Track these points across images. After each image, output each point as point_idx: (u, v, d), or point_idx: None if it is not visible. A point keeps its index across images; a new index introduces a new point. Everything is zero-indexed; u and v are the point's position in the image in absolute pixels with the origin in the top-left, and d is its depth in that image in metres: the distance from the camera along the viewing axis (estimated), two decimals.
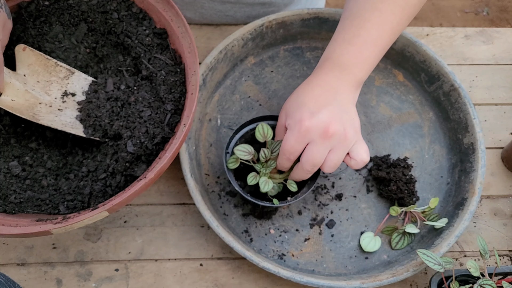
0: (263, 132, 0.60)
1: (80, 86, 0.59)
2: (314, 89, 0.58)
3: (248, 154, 0.59)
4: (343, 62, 0.58)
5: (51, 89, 0.57)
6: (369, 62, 0.59)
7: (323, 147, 0.55)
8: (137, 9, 0.62)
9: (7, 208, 0.52)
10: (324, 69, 0.59)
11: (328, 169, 0.57)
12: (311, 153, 0.55)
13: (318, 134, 0.54)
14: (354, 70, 0.59)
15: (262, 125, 0.59)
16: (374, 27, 0.58)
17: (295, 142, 0.55)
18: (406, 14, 0.60)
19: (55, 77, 0.58)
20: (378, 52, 0.60)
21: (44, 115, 0.56)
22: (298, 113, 0.56)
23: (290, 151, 0.56)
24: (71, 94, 0.58)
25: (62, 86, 0.58)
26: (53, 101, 0.57)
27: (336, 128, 0.54)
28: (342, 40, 0.59)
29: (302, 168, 0.57)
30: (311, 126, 0.54)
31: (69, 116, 0.57)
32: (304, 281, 0.57)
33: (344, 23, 0.60)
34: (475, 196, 0.62)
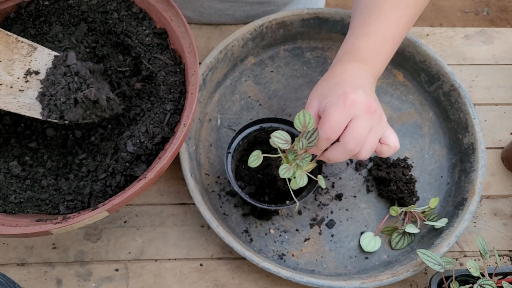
0: (303, 120, 0.53)
1: (44, 62, 0.55)
2: (344, 73, 0.56)
3: (286, 143, 0.53)
4: (363, 56, 0.58)
5: (14, 68, 0.53)
6: (387, 56, 0.60)
7: (367, 123, 0.52)
8: (137, 9, 0.62)
9: (7, 208, 0.52)
10: (344, 62, 0.58)
11: (366, 152, 0.53)
12: (357, 129, 0.51)
13: (363, 108, 0.52)
14: (374, 64, 0.58)
15: (303, 112, 0.53)
16: (391, 21, 0.58)
17: (340, 116, 0.51)
18: (418, 8, 0.61)
19: (17, 54, 0.53)
20: (395, 46, 0.60)
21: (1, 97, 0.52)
22: (338, 89, 0.53)
23: (334, 128, 0.52)
24: (34, 73, 0.54)
25: (26, 64, 0.54)
26: (15, 82, 0.53)
27: (376, 106, 0.53)
28: (361, 35, 0.59)
29: (344, 147, 0.52)
30: (356, 99, 0.51)
31: (30, 96, 0.53)
32: (304, 281, 0.57)
33: (360, 18, 0.60)
34: (475, 196, 0.62)
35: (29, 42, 0.55)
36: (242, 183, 0.64)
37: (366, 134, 0.52)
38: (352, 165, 0.69)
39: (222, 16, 0.80)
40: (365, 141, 0.53)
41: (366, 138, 0.53)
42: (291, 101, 0.73)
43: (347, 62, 0.58)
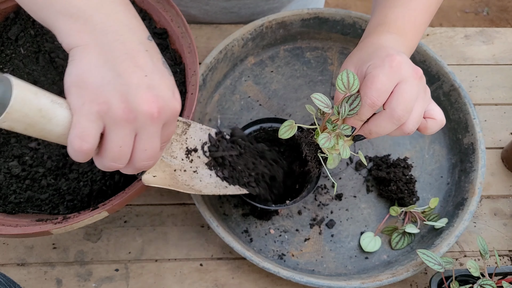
0: (347, 81, 0.46)
1: (198, 138, 0.52)
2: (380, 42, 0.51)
3: (327, 107, 0.47)
4: (399, 27, 0.53)
5: (174, 150, 0.50)
6: (421, 29, 0.55)
7: (415, 89, 0.47)
8: (137, 9, 0.62)
9: (7, 208, 0.52)
10: (378, 34, 0.53)
11: (413, 124, 0.47)
12: (405, 93, 0.46)
13: (410, 72, 0.46)
14: (409, 36, 0.54)
15: (347, 72, 0.46)
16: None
17: (387, 78, 0.45)
18: None
19: (174, 135, 0.50)
20: (428, 19, 0.56)
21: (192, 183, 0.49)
22: (381, 51, 0.48)
23: (380, 92, 0.45)
24: (193, 150, 0.52)
25: (182, 144, 0.51)
26: (183, 164, 0.50)
27: (422, 73, 0.48)
28: (393, 5, 0.55)
29: (392, 115, 0.46)
30: (402, 60, 0.46)
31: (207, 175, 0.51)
32: (304, 281, 0.57)
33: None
34: (475, 196, 0.62)
35: (183, 119, 0.52)
36: None
37: (414, 101, 0.47)
38: (352, 165, 0.69)
39: (227, 14, 0.80)
40: (412, 110, 0.47)
41: (414, 106, 0.47)
42: (291, 101, 0.73)
43: (381, 33, 0.53)
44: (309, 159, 0.54)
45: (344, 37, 0.76)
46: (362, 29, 0.73)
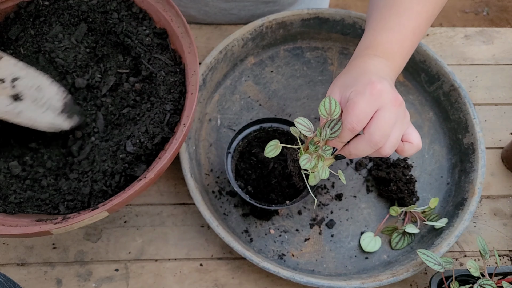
0: (329, 107, 0.49)
1: (9, 72, 0.56)
2: (366, 66, 0.54)
3: (309, 131, 0.50)
4: (386, 50, 0.55)
5: None
6: (408, 52, 0.57)
7: (393, 115, 0.49)
8: (137, 9, 0.62)
9: (7, 208, 0.52)
10: (365, 57, 0.55)
11: (389, 147, 0.50)
12: (383, 120, 0.48)
13: (389, 99, 0.49)
14: (395, 59, 0.56)
15: (329, 99, 0.49)
16: (414, 15, 0.56)
17: (367, 105, 0.48)
18: (439, 3, 0.59)
19: None
20: (416, 41, 0.58)
21: None
22: (364, 78, 0.50)
23: (359, 118, 0.48)
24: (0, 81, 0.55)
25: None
26: None
27: (402, 100, 0.50)
28: (382, 28, 0.57)
29: (369, 139, 0.49)
30: (383, 89, 0.49)
31: (5, 104, 0.54)
32: (304, 281, 0.57)
33: (381, 11, 0.58)
34: (475, 196, 0.62)
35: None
36: (242, 183, 0.64)
37: (391, 127, 0.49)
38: (352, 165, 0.69)
39: (227, 16, 0.80)
40: (390, 135, 0.49)
41: (391, 132, 0.49)
42: (291, 101, 0.73)
43: (368, 56, 0.55)
44: (293, 174, 0.59)
45: (344, 37, 0.76)
46: (362, 29, 0.74)
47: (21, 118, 0.55)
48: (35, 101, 0.57)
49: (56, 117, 0.58)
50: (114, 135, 0.56)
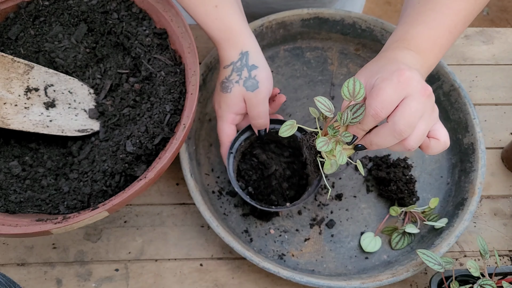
0: (353, 89, 0.46)
1: (42, 80, 0.57)
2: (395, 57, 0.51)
3: (330, 111, 0.47)
4: (418, 45, 0.52)
5: (13, 86, 0.56)
6: (441, 50, 0.54)
7: (421, 106, 0.46)
8: (137, 9, 0.62)
9: (7, 208, 0.52)
10: (395, 49, 0.52)
11: (414, 141, 0.47)
12: (410, 109, 0.45)
13: (418, 88, 0.46)
14: (428, 55, 0.53)
15: (353, 80, 0.46)
16: (451, 13, 0.53)
17: (393, 92, 0.45)
18: (478, 4, 0.55)
19: (14, 73, 0.56)
20: (451, 40, 0.54)
21: (13, 117, 0.55)
22: (392, 65, 0.48)
23: (385, 104, 0.45)
24: (34, 90, 0.57)
25: (24, 82, 0.56)
26: (18, 99, 0.56)
27: (431, 92, 0.47)
28: (415, 22, 0.54)
29: (394, 128, 0.46)
30: (412, 77, 0.46)
31: (37, 113, 0.56)
32: (304, 281, 0.57)
33: (414, 6, 0.55)
34: (475, 196, 0.62)
35: (25, 62, 0.57)
36: (243, 183, 0.64)
37: (418, 118, 0.46)
38: (352, 165, 0.69)
39: (266, 9, 0.80)
40: (416, 126, 0.46)
41: (418, 123, 0.47)
42: (291, 101, 0.73)
43: (398, 49, 0.52)
44: (308, 162, 0.54)
45: (344, 37, 0.76)
46: (362, 29, 0.74)
47: (50, 128, 0.56)
48: (68, 105, 0.58)
49: (88, 119, 0.58)
50: (114, 135, 0.57)
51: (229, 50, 0.59)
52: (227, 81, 0.59)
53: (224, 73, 0.60)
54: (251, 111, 0.60)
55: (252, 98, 0.59)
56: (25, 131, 0.56)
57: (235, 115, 0.61)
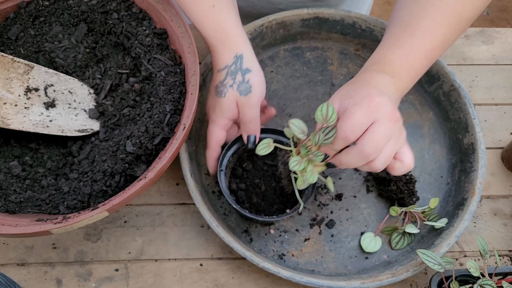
0: (326, 113, 0.49)
1: (42, 80, 0.57)
2: (372, 81, 0.54)
3: (303, 133, 0.50)
4: (394, 69, 0.55)
5: (13, 86, 0.56)
6: (417, 74, 0.56)
7: (388, 130, 0.49)
8: (137, 9, 0.62)
9: (7, 208, 0.52)
10: (372, 72, 0.55)
11: (381, 162, 0.50)
12: (378, 133, 0.48)
13: (387, 114, 0.49)
14: (403, 79, 0.55)
15: (327, 104, 0.50)
16: (428, 37, 0.55)
17: (363, 116, 0.48)
18: (458, 29, 0.56)
19: (14, 73, 0.56)
20: (427, 64, 0.57)
21: (13, 117, 0.55)
22: (364, 90, 0.51)
23: (354, 127, 0.48)
24: (34, 90, 0.57)
25: (24, 82, 0.56)
26: (18, 99, 0.56)
27: (399, 116, 0.50)
28: (393, 46, 0.56)
29: (361, 151, 0.49)
30: (381, 102, 0.49)
31: (37, 113, 0.56)
32: (304, 281, 0.57)
33: (395, 29, 0.57)
34: (475, 196, 0.62)
35: (25, 62, 0.57)
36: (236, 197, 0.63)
37: (385, 142, 0.49)
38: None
39: (273, 10, 0.79)
40: (382, 150, 0.50)
41: (384, 146, 0.50)
42: (291, 101, 0.73)
43: (374, 72, 0.55)
44: (283, 177, 0.60)
45: (344, 37, 0.76)
46: (362, 29, 0.74)
47: (50, 128, 0.56)
48: (68, 105, 0.58)
49: (88, 119, 0.58)
50: (114, 135, 0.57)
51: (224, 53, 0.58)
52: (221, 85, 0.58)
53: (218, 77, 0.59)
54: (243, 115, 0.59)
55: (244, 103, 0.58)
56: (25, 131, 0.56)
57: (228, 120, 0.60)
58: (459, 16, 0.55)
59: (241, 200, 0.63)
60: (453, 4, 0.55)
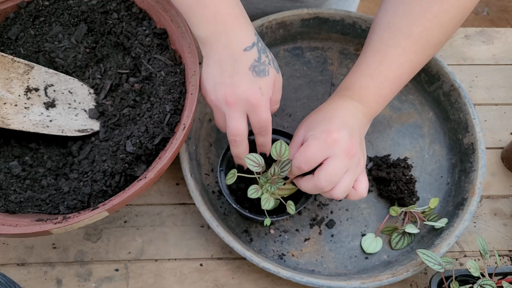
0: (279, 150, 0.55)
1: (42, 80, 0.58)
2: (338, 110, 0.57)
3: (258, 166, 0.56)
4: (362, 96, 0.58)
5: (13, 86, 0.56)
6: (385, 99, 0.60)
7: (343, 165, 0.53)
8: (137, 9, 0.62)
9: (7, 208, 0.52)
10: (343, 98, 0.59)
11: (340, 192, 0.54)
12: (333, 168, 0.52)
13: (342, 150, 0.52)
14: (371, 105, 0.59)
15: (280, 143, 0.55)
16: (395, 64, 0.58)
17: (318, 150, 0.52)
18: (426, 54, 0.59)
19: (14, 73, 0.56)
20: (395, 89, 0.60)
21: (13, 117, 0.55)
22: (324, 124, 0.54)
23: (308, 160, 0.53)
24: (34, 90, 0.57)
25: (24, 82, 0.56)
26: (18, 99, 0.56)
27: (357, 151, 0.53)
28: (363, 74, 0.59)
29: (316, 183, 0.53)
30: (339, 138, 0.52)
31: (37, 113, 0.56)
32: (304, 281, 0.57)
33: (366, 56, 0.60)
34: (475, 196, 0.62)
35: (25, 62, 0.57)
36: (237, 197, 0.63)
37: (341, 175, 0.53)
38: None
39: (253, 10, 0.79)
40: (339, 181, 0.53)
41: (342, 178, 0.53)
42: (291, 101, 0.73)
43: (343, 98, 0.58)
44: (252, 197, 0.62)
45: (344, 37, 0.76)
46: (362, 29, 0.74)
47: (50, 128, 0.56)
48: (68, 105, 0.58)
49: (88, 119, 0.58)
50: (114, 135, 0.57)
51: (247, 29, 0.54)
52: (260, 63, 0.53)
53: (249, 56, 0.53)
54: (276, 94, 0.57)
55: (279, 81, 0.56)
56: (25, 131, 0.56)
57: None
58: (427, 43, 0.58)
59: (241, 200, 0.63)
60: (420, 31, 0.57)
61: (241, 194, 0.63)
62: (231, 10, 0.53)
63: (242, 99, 0.52)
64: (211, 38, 0.53)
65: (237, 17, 0.54)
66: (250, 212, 0.60)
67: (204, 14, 0.52)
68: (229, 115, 0.53)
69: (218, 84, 0.53)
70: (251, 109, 0.53)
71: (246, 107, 0.53)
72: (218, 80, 0.53)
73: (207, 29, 0.53)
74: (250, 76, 0.53)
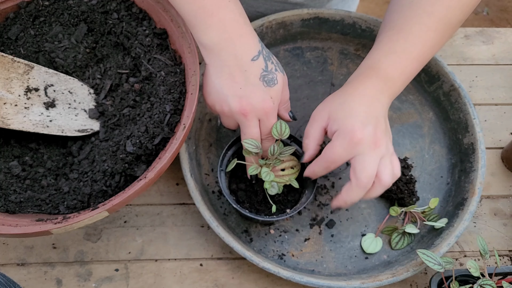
0: (280, 129, 0.57)
1: (42, 80, 0.58)
2: (362, 99, 0.56)
3: (256, 148, 0.56)
4: (388, 74, 0.57)
5: (13, 86, 0.56)
6: (409, 77, 0.59)
7: (374, 156, 0.53)
8: (137, 9, 0.62)
9: (7, 208, 0.52)
10: (368, 78, 0.58)
11: (387, 177, 0.54)
12: (364, 164, 0.53)
13: (368, 145, 0.53)
14: (397, 84, 0.58)
15: (281, 123, 0.57)
16: (419, 42, 0.57)
17: (344, 151, 0.53)
18: (447, 33, 0.59)
19: (14, 73, 0.56)
20: (418, 68, 0.59)
21: (13, 117, 0.55)
22: (349, 122, 0.54)
23: (335, 160, 0.54)
24: (34, 90, 0.57)
25: (24, 82, 0.57)
26: (18, 99, 0.56)
27: (382, 140, 0.54)
28: (388, 51, 0.58)
29: (358, 185, 0.53)
30: (363, 137, 0.53)
31: (37, 113, 0.56)
32: (304, 281, 0.57)
33: (388, 34, 0.59)
34: (475, 196, 0.62)
35: (25, 62, 0.57)
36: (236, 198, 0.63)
37: (375, 166, 0.53)
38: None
39: (253, 13, 0.80)
40: (381, 170, 0.54)
41: (381, 166, 0.54)
42: (291, 101, 0.73)
43: (368, 78, 0.57)
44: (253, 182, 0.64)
45: (344, 37, 0.76)
46: (362, 29, 0.74)
47: (50, 128, 0.56)
48: (68, 105, 0.58)
49: (88, 119, 0.58)
50: (114, 135, 0.57)
51: (253, 38, 0.56)
52: (269, 73, 0.55)
53: (256, 65, 0.55)
54: (285, 95, 0.59)
55: (286, 82, 0.58)
56: (25, 131, 0.56)
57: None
58: (449, 22, 0.58)
59: (241, 200, 0.63)
60: (443, 10, 0.57)
61: (241, 194, 0.63)
62: (236, 18, 0.54)
63: (257, 109, 0.55)
64: (217, 46, 0.54)
65: (241, 27, 0.55)
66: (250, 212, 0.60)
67: (210, 23, 0.53)
68: (245, 124, 0.56)
69: (231, 96, 0.55)
70: (264, 117, 0.56)
71: (260, 116, 0.56)
72: (229, 92, 0.55)
73: (213, 37, 0.54)
74: (262, 87, 0.55)
